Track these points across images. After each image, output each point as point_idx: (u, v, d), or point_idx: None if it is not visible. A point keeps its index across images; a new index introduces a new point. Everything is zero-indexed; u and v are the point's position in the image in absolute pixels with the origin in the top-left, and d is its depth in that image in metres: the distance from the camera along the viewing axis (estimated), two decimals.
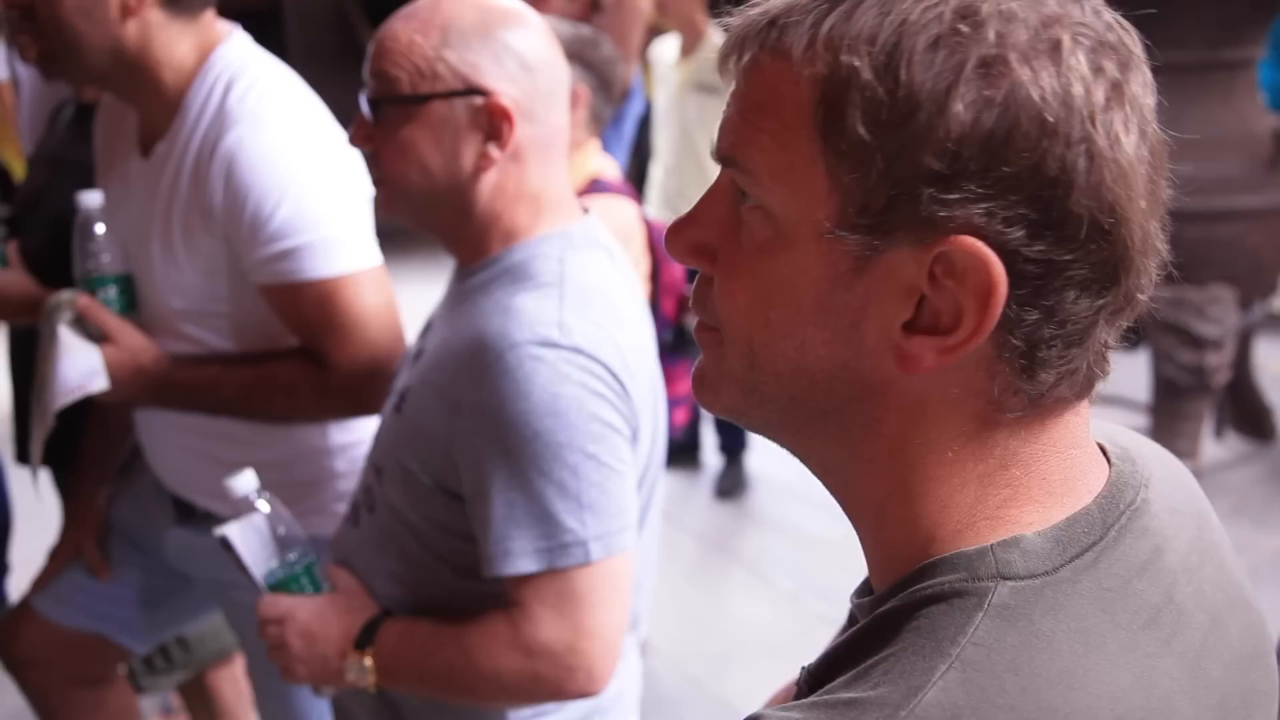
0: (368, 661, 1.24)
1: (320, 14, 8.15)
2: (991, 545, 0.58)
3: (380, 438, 1.34)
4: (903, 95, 0.54)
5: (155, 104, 1.51)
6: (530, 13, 1.27)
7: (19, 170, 5.28)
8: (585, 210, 1.34)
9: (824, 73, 0.56)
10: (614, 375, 1.18)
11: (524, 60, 1.22)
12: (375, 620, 1.26)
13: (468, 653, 1.20)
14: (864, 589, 0.67)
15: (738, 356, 0.63)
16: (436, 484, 1.22)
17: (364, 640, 1.25)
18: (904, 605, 0.58)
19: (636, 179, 4.09)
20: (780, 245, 0.59)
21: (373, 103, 1.25)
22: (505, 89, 1.21)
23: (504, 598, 1.19)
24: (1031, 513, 0.59)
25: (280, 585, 1.31)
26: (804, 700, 0.57)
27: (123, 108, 1.61)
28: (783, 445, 0.67)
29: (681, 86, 3.66)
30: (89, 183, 1.73)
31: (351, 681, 1.25)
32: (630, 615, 1.28)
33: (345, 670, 1.25)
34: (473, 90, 1.21)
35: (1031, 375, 0.58)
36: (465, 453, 1.18)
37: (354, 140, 1.28)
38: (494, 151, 1.22)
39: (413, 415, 1.26)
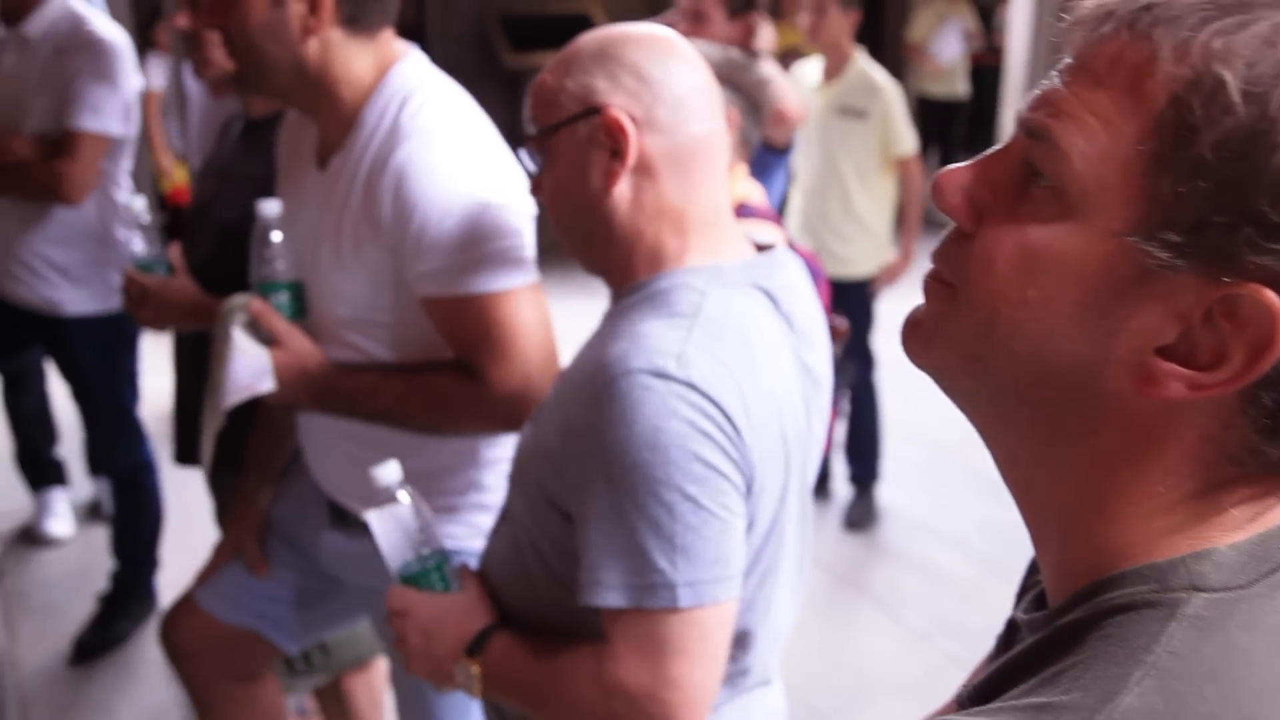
0: (474, 669, 1.24)
1: (462, 34, 8.34)
2: (1184, 557, 0.57)
3: (518, 451, 1.36)
4: (1263, 129, 0.52)
5: (333, 118, 1.57)
6: (656, 31, 1.27)
7: (177, 175, 5.53)
8: (760, 247, 1.31)
9: (1189, 76, 0.54)
10: (728, 418, 1.13)
11: (639, 72, 1.22)
12: (488, 629, 1.26)
13: (556, 677, 1.18)
14: (1034, 605, 0.66)
15: (973, 322, 0.61)
16: (552, 502, 1.22)
17: (475, 648, 1.25)
18: (1090, 615, 0.57)
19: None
20: (1065, 231, 0.58)
21: (527, 150, 1.28)
22: (619, 102, 1.21)
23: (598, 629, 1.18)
24: (1223, 531, 0.58)
25: (412, 579, 1.32)
26: (988, 706, 0.56)
27: (304, 122, 1.67)
28: (976, 421, 0.65)
29: (825, 110, 3.64)
30: (255, 195, 1.80)
31: (460, 685, 1.26)
32: (754, 669, 1.25)
33: (455, 674, 1.26)
34: (589, 110, 1.21)
35: (1273, 438, 0.56)
36: (573, 474, 1.17)
37: (533, 193, 1.31)
38: (618, 165, 1.22)
39: (540, 431, 1.26)
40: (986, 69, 8.14)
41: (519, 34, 8.31)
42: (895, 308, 1.11)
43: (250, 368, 1.54)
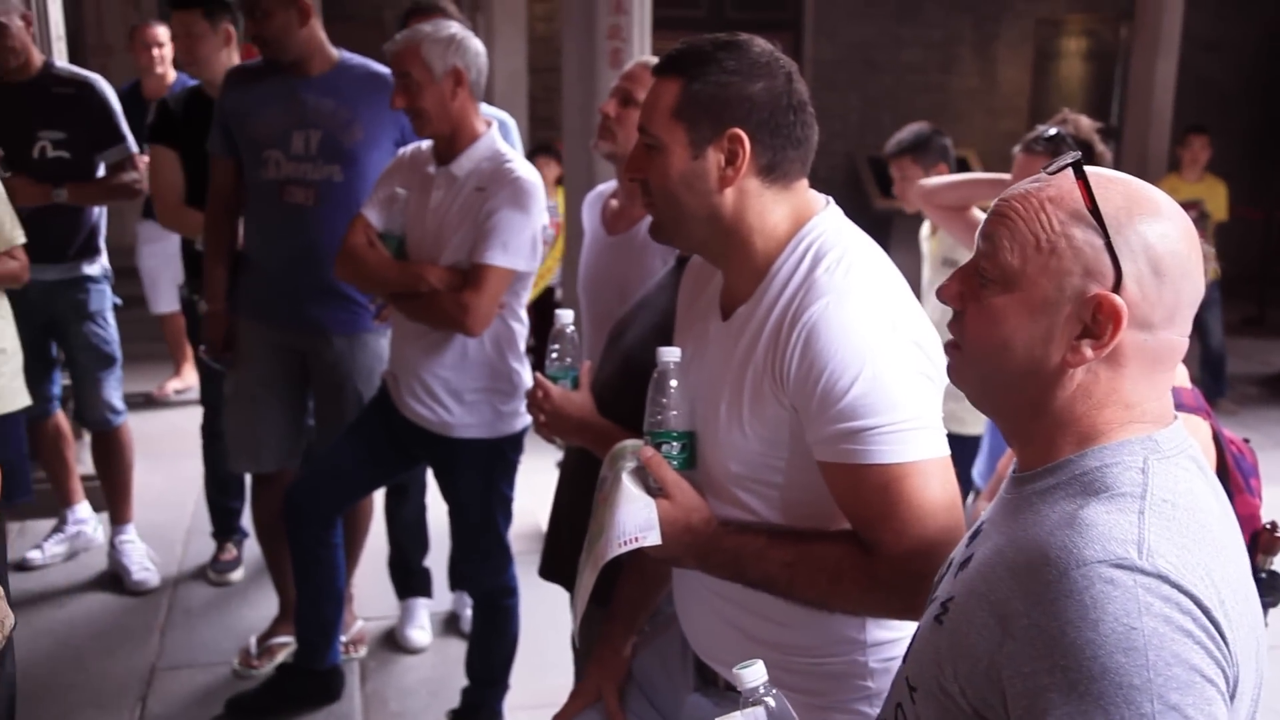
0: None
1: (831, 175, 8.43)
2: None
3: (917, 649, 1.21)
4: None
5: (743, 269, 1.53)
6: (1177, 210, 1.13)
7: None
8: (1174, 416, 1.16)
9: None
10: (1206, 612, 0.98)
11: (1158, 263, 1.08)
12: None
13: None
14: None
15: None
16: (976, 711, 1.08)
17: None
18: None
19: None
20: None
21: (977, 268, 1.16)
22: (1128, 285, 1.07)
23: None
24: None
25: None
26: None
27: (709, 269, 1.65)
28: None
29: (933, 259, 3.78)
30: (663, 328, 1.80)
31: None
32: None
33: None
34: (1090, 277, 1.08)
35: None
36: (1015, 681, 1.02)
37: (941, 294, 1.20)
38: (1087, 350, 1.08)
39: (955, 630, 1.12)
40: None
41: (889, 177, 8.27)
42: None
43: (637, 518, 1.49)
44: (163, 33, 4.64)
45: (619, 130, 2.45)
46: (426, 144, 2.79)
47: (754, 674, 1.24)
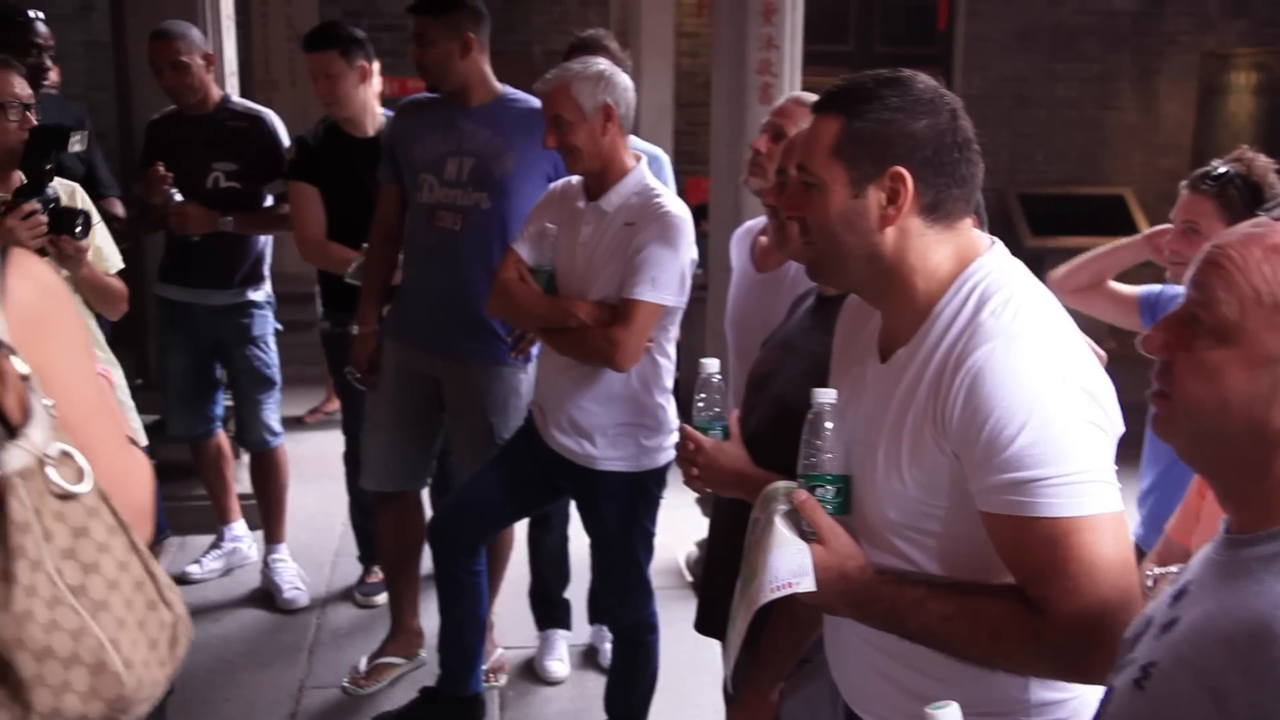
0: None
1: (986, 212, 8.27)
2: None
3: (1114, 713, 1.16)
4: None
5: (903, 310, 1.49)
6: None
7: None
8: None
9: None
10: None
11: None
12: None
13: None
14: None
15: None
16: None
17: None
18: None
19: None
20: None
21: (1189, 317, 1.10)
22: None
23: None
24: None
25: None
26: None
27: (866, 310, 1.61)
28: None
29: None
30: (816, 372, 1.77)
31: None
32: None
33: None
34: None
35: None
36: None
37: (1146, 346, 1.15)
38: None
39: (1159, 698, 1.06)
40: None
41: (1040, 215, 8.07)
42: None
43: (790, 563, 1.46)
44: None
45: (770, 166, 2.43)
46: (577, 179, 2.82)
47: (949, 715, 1.20)
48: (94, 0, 7.58)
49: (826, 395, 1.55)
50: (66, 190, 2.86)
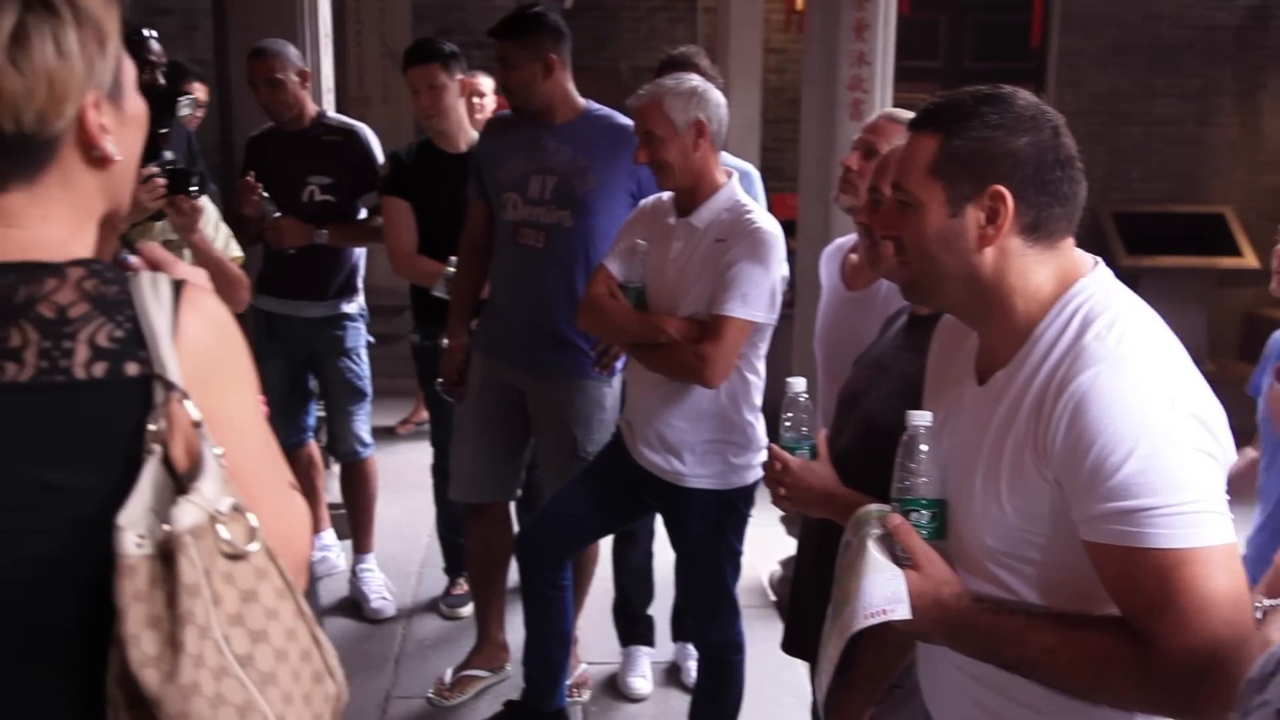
0: None
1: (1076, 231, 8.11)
2: None
3: None
4: None
5: (1001, 331, 1.46)
6: None
7: None
8: None
9: None
10: None
11: None
12: None
13: None
14: None
15: None
16: None
17: None
18: None
19: None
20: None
21: None
22: None
23: None
24: None
25: None
26: None
27: (962, 330, 1.58)
28: None
29: None
30: (908, 393, 1.74)
31: None
32: None
33: None
34: None
35: None
36: None
37: None
38: None
39: None
40: None
41: (1135, 233, 7.89)
42: None
43: (884, 589, 1.44)
44: (485, 84, 4.80)
45: (861, 183, 2.40)
46: (667, 195, 2.82)
47: None
48: (197, 20, 7.80)
49: (921, 417, 1.53)
50: None
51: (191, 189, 2.80)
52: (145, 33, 3.89)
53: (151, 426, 0.97)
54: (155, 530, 0.94)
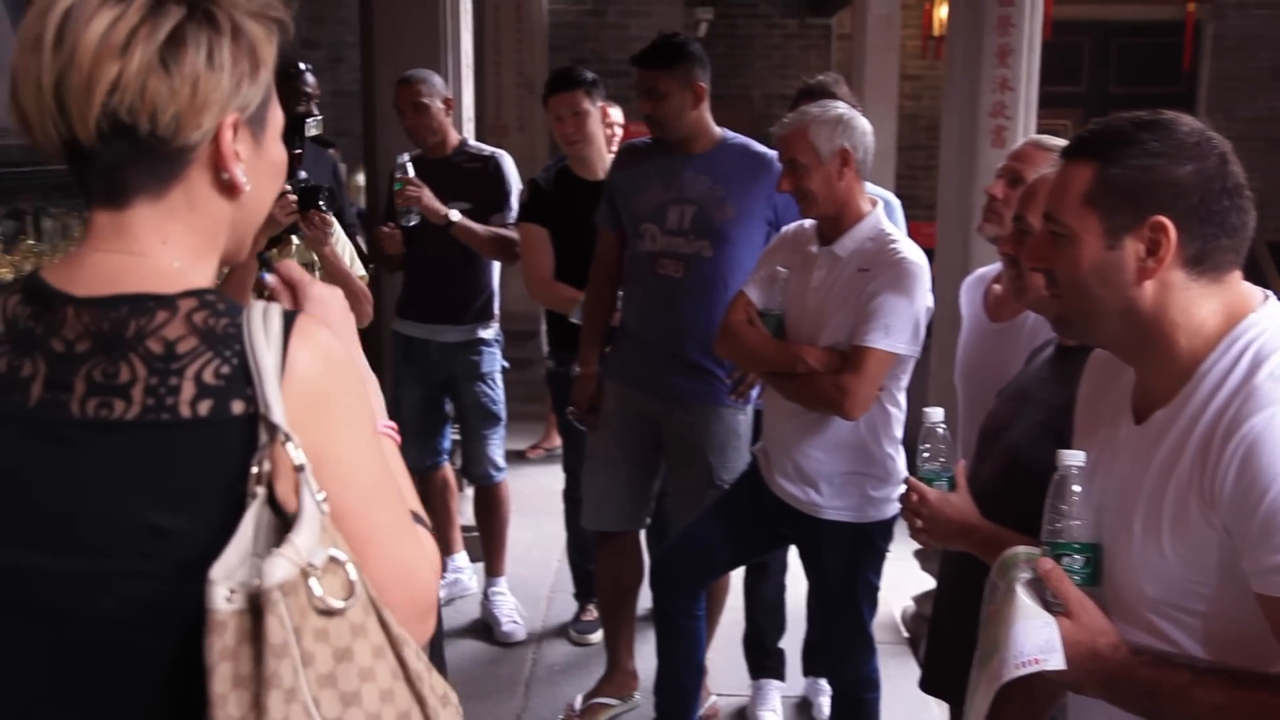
0: None
1: None
2: None
3: None
4: None
5: (1162, 368, 1.40)
6: None
7: None
8: None
9: None
10: None
11: None
12: None
13: None
14: None
15: None
16: None
17: None
18: None
19: None
20: None
21: None
22: None
23: None
24: None
25: None
26: None
27: (1115, 365, 1.52)
28: None
29: None
30: (1054, 425, 1.68)
31: None
32: None
33: None
34: None
35: None
36: None
37: None
38: None
39: None
40: None
41: None
42: None
43: (1036, 637, 1.38)
44: (615, 114, 4.85)
45: (1006, 212, 2.34)
46: (809, 223, 2.79)
47: None
48: (343, 54, 8.08)
49: (1074, 457, 1.47)
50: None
51: (321, 204, 2.94)
52: (301, 66, 4.03)
53: (255, 469, 0.94)
54: (252, 579, 0.91)
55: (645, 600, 3.31)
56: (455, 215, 3.83)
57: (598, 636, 4.01)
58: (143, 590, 0.95)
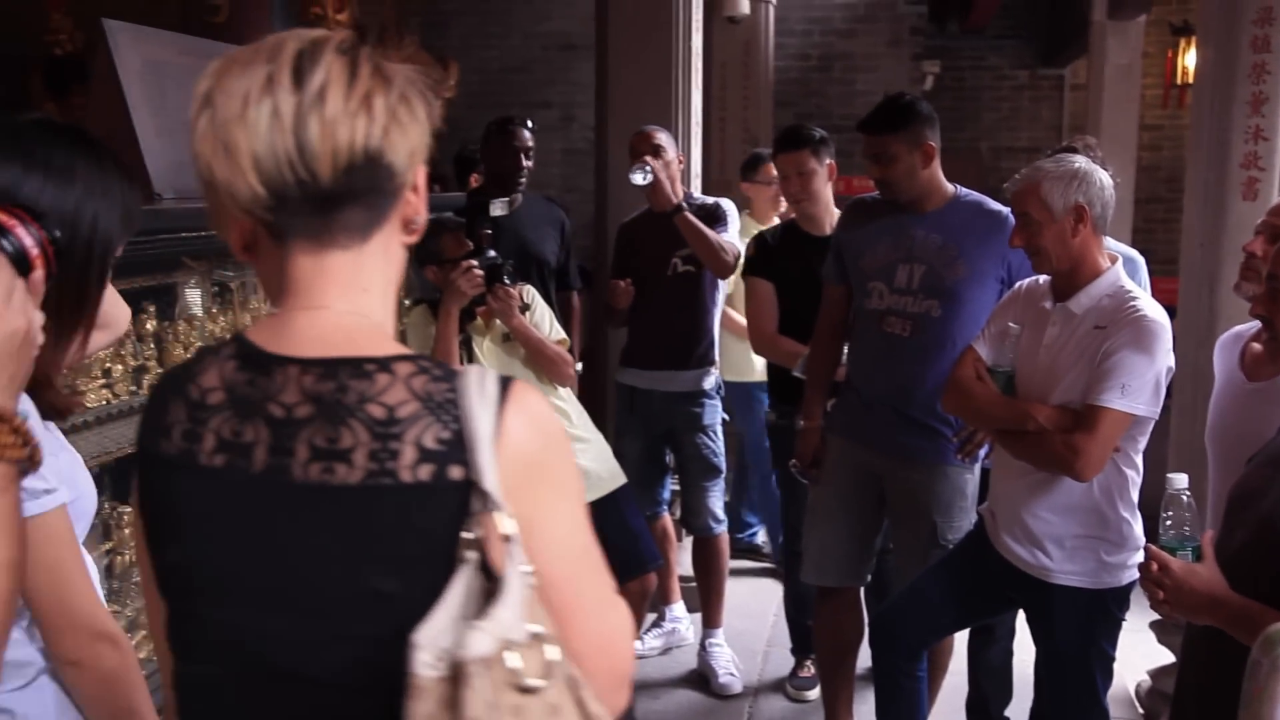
0: None
1: None
2: None
3: None
4: None
5: None
6: None
7: None
8: None
9: None
10: None
11: None
12: None
13: None
14: None
15: None
16: None
17: None
18: None
19: None
20: None
21: None
22: None
23: None
24: None
25: None
26: None
27: None
28: None
29: None
30: None
31: None
32: None
33: None
34: None
35: None
36: None
37: None
38: None
39: None
40: None
41: None
42: None
43: None
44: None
45: (1265, 269, 2.23)
46: (1045, 278, 2.73)
47: None
48: (575, 113, 8.39)
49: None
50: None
51: (505, 280, 3.21)
52: (517, 121, 4.21)
53: (467, 535, 0.95)
54: (456, 648, 0.91)
55: (864, 659, 3.26)
56: (683, 203, 3.87)
57: (815, 693, 3.96)
58: (369, 654, 0.97)
